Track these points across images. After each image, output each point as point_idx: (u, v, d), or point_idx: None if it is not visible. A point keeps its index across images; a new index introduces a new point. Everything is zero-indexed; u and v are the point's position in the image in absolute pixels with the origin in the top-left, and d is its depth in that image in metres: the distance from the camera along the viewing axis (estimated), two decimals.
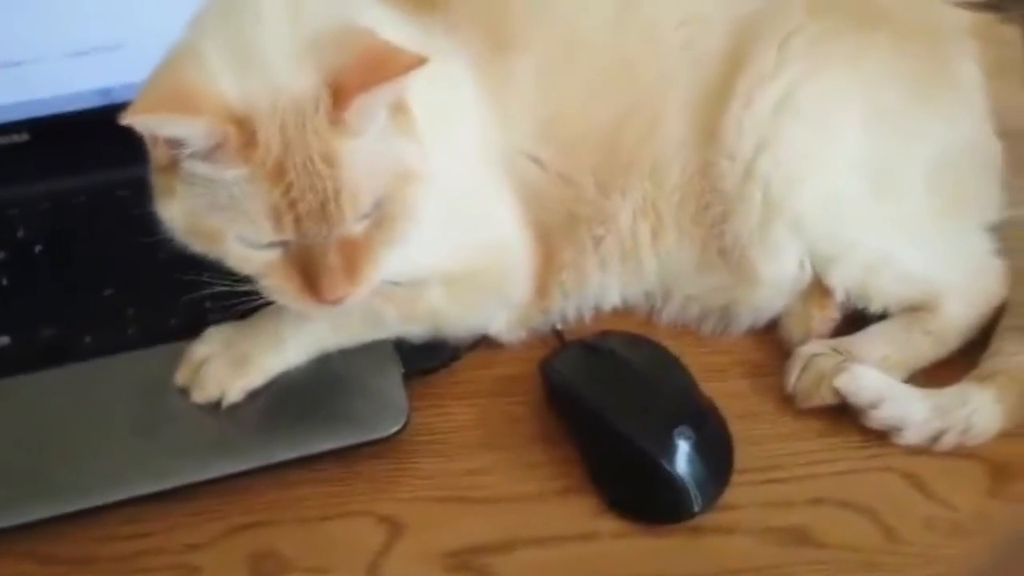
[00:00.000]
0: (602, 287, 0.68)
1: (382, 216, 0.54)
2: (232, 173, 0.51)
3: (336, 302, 0.54)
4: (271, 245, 0.53)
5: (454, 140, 0.62)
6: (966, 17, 0.69)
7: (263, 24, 0.53)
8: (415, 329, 0.64)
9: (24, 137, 0.76)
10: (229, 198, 0.52)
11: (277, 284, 0.55)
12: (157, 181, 0.55)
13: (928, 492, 0.59)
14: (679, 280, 0.68)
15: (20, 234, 0.70)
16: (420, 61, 0.51)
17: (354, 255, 0.54)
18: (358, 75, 0.51)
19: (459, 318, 0.65)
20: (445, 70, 0.60)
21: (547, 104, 0.64)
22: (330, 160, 0.51)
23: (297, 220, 0.52)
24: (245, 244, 0.54)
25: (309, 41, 0.52)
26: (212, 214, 0.53)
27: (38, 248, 0.70)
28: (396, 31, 0.55)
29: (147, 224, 0.56)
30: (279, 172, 0.51)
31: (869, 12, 0.66)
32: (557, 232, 0.66)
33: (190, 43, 0.54)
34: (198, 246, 0.55)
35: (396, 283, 0.61)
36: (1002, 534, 0.56)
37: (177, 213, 0.54)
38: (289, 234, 0.52)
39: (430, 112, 0.57)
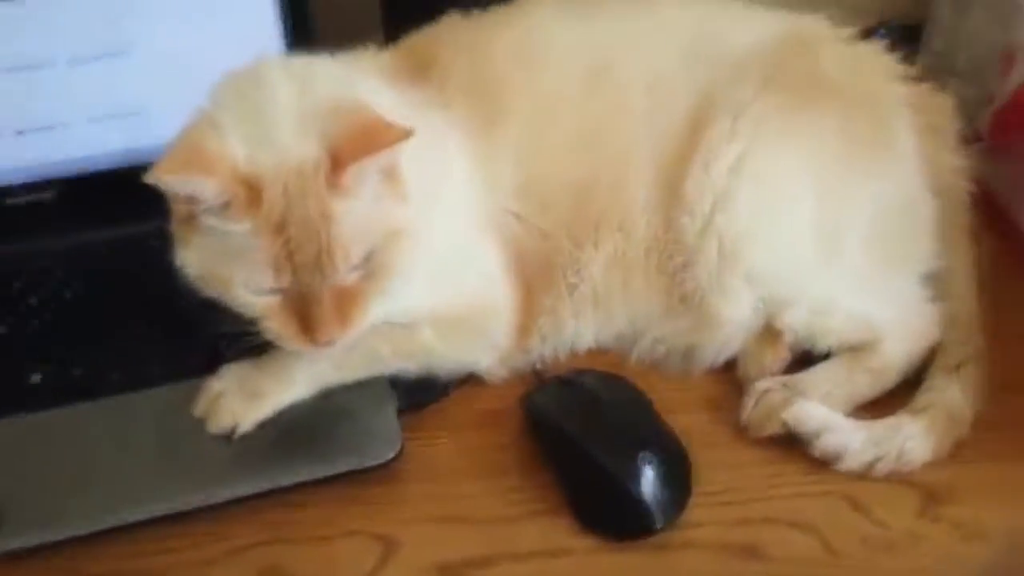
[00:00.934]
0: (577, 330, 0.75)
1: (372, 268, 0.62)
2: (239, 227, 0.59)
3: (328, 344, 0.61)
4: (272, 291, 0.61)
5: (446, 200, 0.69)
6: (903, 89, 0.77)
7: (274, 97, 0.61)
8: (409, 367, 0.71)
9: (51, 194, 0.84)
10: (236, 249, 0.59)
11: (277, 326, 0.62)
12: (176, 232, 0.62)
13: (865, 513, 0.65)
14: (647, 324, 0.74)
15: (51, 282, 0.78)
16: (407, 134, 0.59)
17: (345, 302, 0.61)
18: (354, 145, 0.58)
19: (448, 357, 0.71)
20: (437, 139, 0.68)
21: (526, 167, 0.71)
22: (326, 218, 0.59)
23: (295, 270, 0.59)
24: (250, 290, 0.61)
25: (313, 114, 0.60)
26: (222, 262, 0.60)
27: (68, 295, 0.77)
28: (392, 107, 0.63)
29: (167, 273, 0.63)
30: (280, 227, 0.58)
31: (817, 85, 0.73)
32: (536, 281, 0.73)
33: (208, 112, 0.62)
34: (209, 290, 0.62)
35: (392, 324, 0.69)
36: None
37: (192, 260, 0.62)
38: (287, 282, 0.60)
39: (424, 177, 0.64)
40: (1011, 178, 0.83)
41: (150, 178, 0.57)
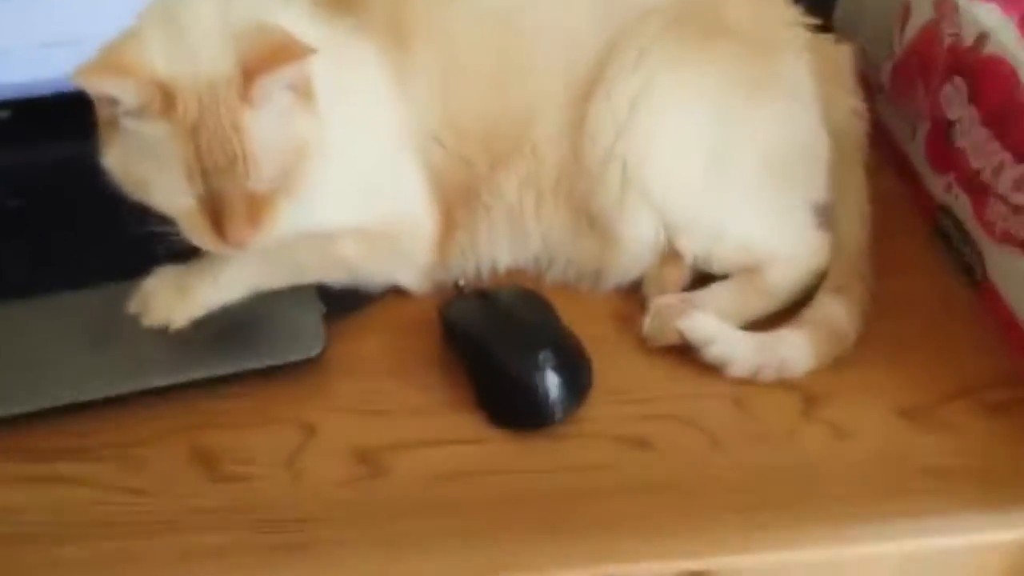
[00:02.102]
0: (494, 249, 0.80)
1: (282, 178, 0.66)
2: (155, 130, 0.63)
3: (239, 245, 0.66)
4: (187, 194, 0.65)
5: (368, 122, 0.74)
6: (804, 36, 0.82)
7: (196, 17, 0.66)
8: (334, 276, 0.76)
9: (7, 114, 0.88)
10: (153, 152, 0.64)
11: (192, 227, 0.66)
12: (101, 134, 0.67)
13: (749, 413, 0.72)
14: (559, 246, 0.80)
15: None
16: (310, 51, 0.63)
17: (256, 208, 0.66)
18: (262, 60, 0.63)
19: (371, 268, 0.77)
20: (358, 65, 0.73)
21: (445, 97, 0.76)
22: (237, 128, 0.63)
23: (206, 175, 0.63)
24: (166, 192, 0.65)
25: (231, 33, 0.65)
26: (141, 165, 0.65)
27: (12, 205, 0.81)
28: (310, 30, 0.67)
29: (103, 186, 0.67)
30: (193, 133, 0.63)
31: (719, 27, 0.78)
32: (454, 201, 0.78)
33: (134, 28, 0.66)
34: (131, 192, 0.66)
35: (317, 236, 0.74)
36: None
37: (115, 162, 0.66)
38: (199, 186, 0.64)
39: (345, 98, 0.70)
40: (907, 122, 0.89)
41: (73, 77, 0.61)
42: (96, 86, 0.63)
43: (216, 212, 0.65)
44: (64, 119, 0.80)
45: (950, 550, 0.74)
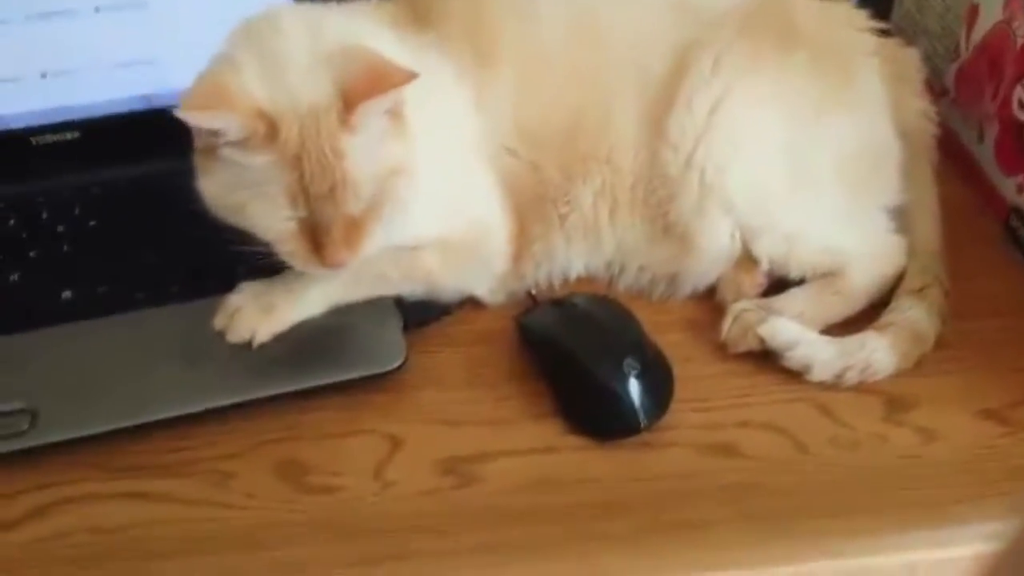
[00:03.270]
0: (568, 257, 0.80)
1: (376, 201, 0.67)
2: (258, 160, 0.64)
3: (337, 266, 0.67)
4: (288, 219, 0.66)
5: (447, 137, 0.75)
6: (872, 40, 0.83)
7: (287, 42, 0.67)
8: (413, 289, 0.76)
9: (74, 135, 0.89)
10: (254, 181, 0.65)
11: (290, 249, 0.67)
12: (199, 162, 0.68)
13: (834, 418, 0.71)
14: (633, 252, 0.80)
15: (76, 212, 0.83)
16: (412, 76, 0.64)
17: (352, 230, 0.67)
18: (363, 86, 0.64)
19: (449, 279, 0.77)
20: (437, 81, 0.74)
21: (520, 107, 0.77)
22: (338, 154, 0.64)
23: (308, 200, 0.65)
24: (266, 217, 0.66)
25: (324, 57, 0.66)
26: (241, 191, 0.66)
27: (92, 223, 0.82)
28: (395, 51, 0.68)
29: (184, 204, 0.68)
30: (296, 162, 0.64)
31: (790, 33, 0.79)
32: (529, 211, 0.78)
33: (227, 54, 0.67)
34: (228, 217, 0.68)
35: (399, 249, 0.74)
36: None
37: (212, 189, 0.67)
38: (302, 212, 0.65)
39: (426, 115, 0.70)
40: (973, 125, 0.89)
41: (178, 112, 0.62)
42: (202, 120, 0.63)
43: (315, 235, 0.66)
44: (137, 138, 0.82)
45: None
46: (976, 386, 0.73)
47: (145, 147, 0.83)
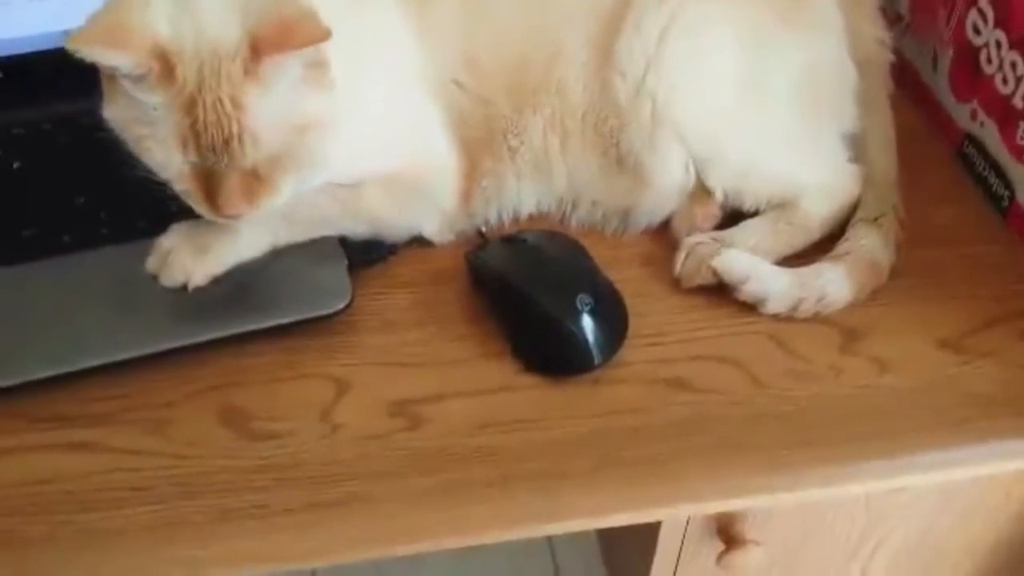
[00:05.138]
0: (519, 193, 0.78)
1: (285, 153, 0.63)
2: (153, 99, 0.60)
3: (232, 218, 0.64)
4: (182, 162, 0.62)
5: (388, 68, 0.71)
6: None
7: None
8: (357, 228, 0.74)
9: None
10: (150, 117, 0.61)
11: (186, 193, 0.64)
12: (105, 87, 0.64)
13: (789, 350, 0.70)
14: (585, 186, 0.78)
15: None
16: (326, 34, 0.60)
17: (253, 182, 0.63)
18: (274, 37, 0.60)
19: (394, 218, 0.74)
20: (373, 10, 0.71)
21: (466, 38, 0.74)
22: (237, 104, 0.60)
23: (200, 148, 0.61)
24: (161, 155, 0.62)
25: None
26: (139, 125, 0.62)
27: (16, 165, 0.78)
28: None
29: (112, 143, 0.64)
30: (190, 106, 0.60)
31: None
32: (478, 145, 0.75)
33: None
34: (130, 147, 0.64)
35: (340, 186, 0.71)
36: None
37: (115, 117, 0.64)
38: (193, 158, 0.62)
39: (358, 46, 0.66)
40: (928, 52, 0.87)
41: (67, 46, 0.58)
42: (91, 56, 0.59)
43: (210, 183, 0.62)
44: (62, 75, 0.77)
45: (993, 477, 0.74)
46: (931, 315, 0.73)
47: (71, 84, 0.78)
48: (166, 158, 0.62)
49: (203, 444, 0.64)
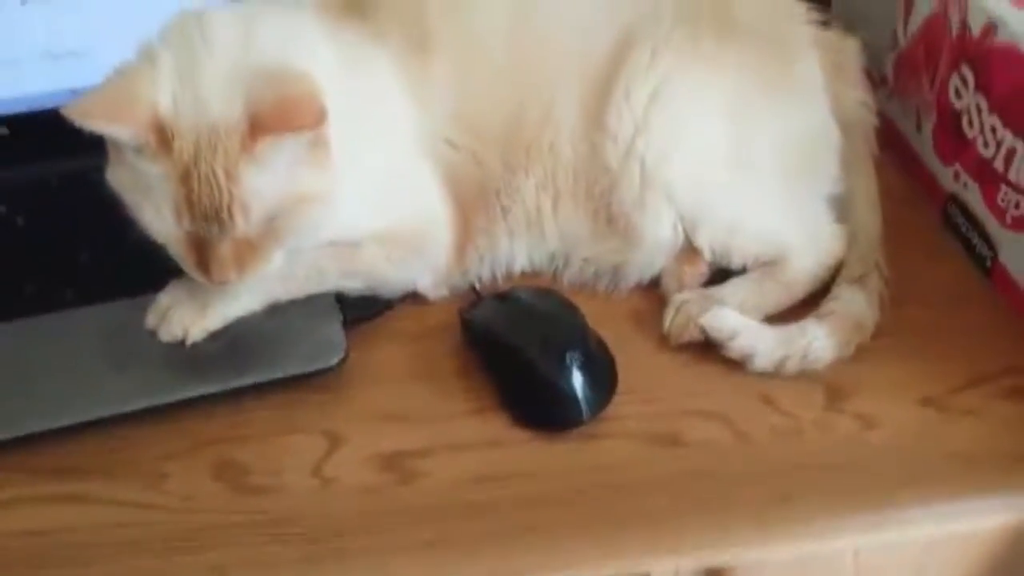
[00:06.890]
0: (511, 251, 0.80)
1: (276, 225, 0.66)
2: (151, 168, 0.63)
3: (222, 284, 0.66)
4: (176, 228, 0.65)
5: (380, 127, 0.74)
6: (811, 30, 0.83)
7: (213, 47, 0.65)
8: (353, 284, 0.75)
9: (3, 130, 0.87)
10: (147, 184, 0.64)
11: (179, 258, 0.67)
12: (109, 150, 0.66)
13: (775, 406, 0.71)
14: (576, 245, 0.79)
15: (3, 209, 0.81)
16: (322, 119, 0.62)
17: (244, 251, 0.65)
18: (272, 120, 0.62)
19: (390, 274, 0.76)
20: (374, 73, 0.73)
21: (459, 98, 0.76)
22: (232, 177, 0.63)
23: (194, 217, 0.63)
24: (158, 223, 0.65)
25: (245, 71, 0.64)
26: (138, 191, 0.65)
27: (20, 221, 0.80)
28: (329, 48, 0.68)
29: (115, 200, 0.66)
30: (186, 176, 0.62)
31: (729, 23, 0.78)
32: (471, 204, 0.77)
33: (149, 50, 0.66)
34: (130, 210, 0.66)
35: (337, 243, 0.73)
36: None
37: (117, 180, 0.66)
38: (187, 227, 0.64)
39: (355, 106, 0.69)
40: (912, 114, 0.90)
41: (65, 113, 0.61)
42: (90, 128, 0.62)
43: (202, 250, 0.65)
44: (67, 133, 0.79)
45: (975, 534, 0.74)
46: (915, 373, 0.74)
47: (75, 142, 0.80)
48: (162, 225, 0.65)
49: (198, 498, 0.65)
